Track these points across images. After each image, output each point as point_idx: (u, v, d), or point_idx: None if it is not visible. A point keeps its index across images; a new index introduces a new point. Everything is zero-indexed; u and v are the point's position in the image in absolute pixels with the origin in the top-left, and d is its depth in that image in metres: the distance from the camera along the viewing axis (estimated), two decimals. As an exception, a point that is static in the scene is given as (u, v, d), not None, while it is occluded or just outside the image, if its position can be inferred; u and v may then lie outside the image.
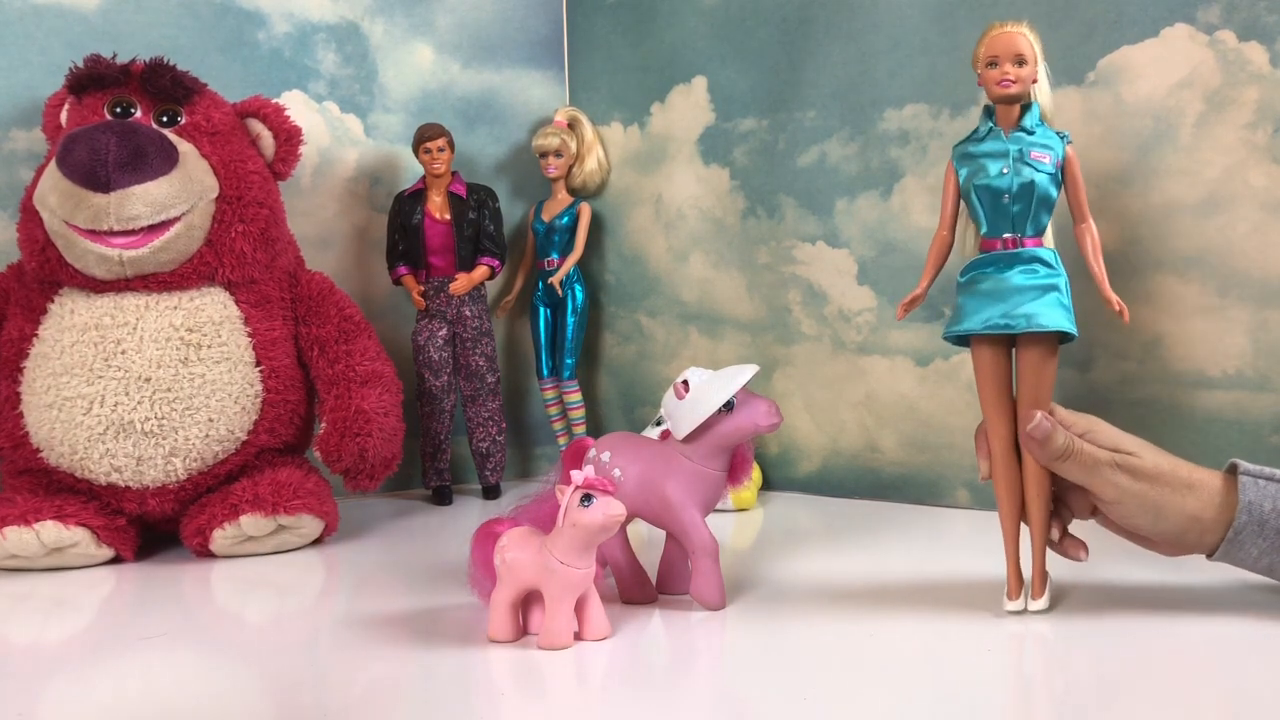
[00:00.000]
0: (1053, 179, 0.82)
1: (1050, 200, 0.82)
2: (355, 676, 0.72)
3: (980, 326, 0.81)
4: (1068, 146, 0.83)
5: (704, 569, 0.83)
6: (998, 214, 0.82)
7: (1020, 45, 0.82)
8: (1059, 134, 0.83)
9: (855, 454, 1.29)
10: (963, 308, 0.83)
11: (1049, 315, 0.80)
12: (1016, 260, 0.82)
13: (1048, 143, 0.82)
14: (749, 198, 1.36)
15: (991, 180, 0.82)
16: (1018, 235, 0.82)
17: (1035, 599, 0.82)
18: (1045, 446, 0.79)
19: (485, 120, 1.49)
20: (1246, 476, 0.77)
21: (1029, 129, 0.82)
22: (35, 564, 1.03)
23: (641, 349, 1.48)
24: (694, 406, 0.82)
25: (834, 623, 0.81)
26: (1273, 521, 0.76)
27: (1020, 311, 0.80)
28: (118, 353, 1.07)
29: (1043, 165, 0.81)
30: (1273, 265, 1.00)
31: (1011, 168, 0.81)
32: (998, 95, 0.82)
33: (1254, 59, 1.00)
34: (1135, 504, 0.78)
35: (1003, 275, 0.82)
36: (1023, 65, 0.81)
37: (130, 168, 1.06)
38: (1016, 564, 0.82)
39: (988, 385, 0.83)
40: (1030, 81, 0.82)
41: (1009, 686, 0.70)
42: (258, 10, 1.35)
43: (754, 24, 1.33)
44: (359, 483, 1.15)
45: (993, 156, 0.82)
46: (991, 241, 0.83)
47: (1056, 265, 0.82)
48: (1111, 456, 0.78)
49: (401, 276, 1.38)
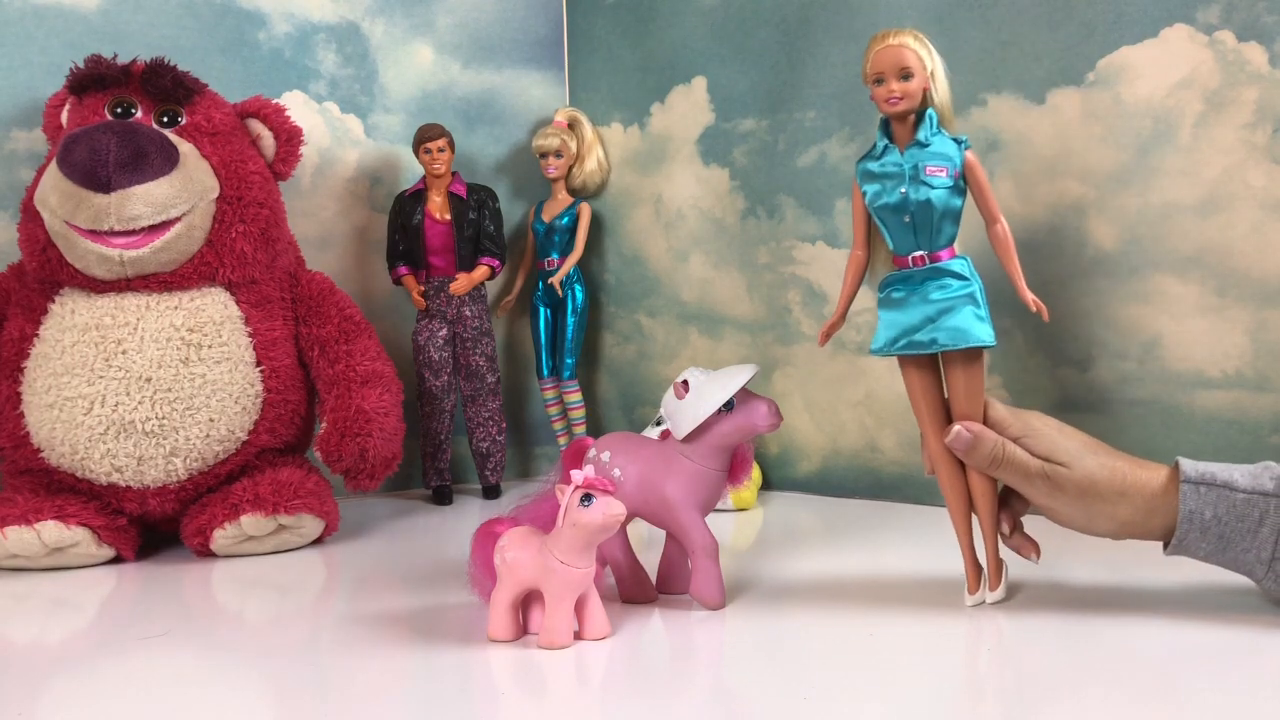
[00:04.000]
0: (953, 190, 0.81)
1: (953, 211, 0.81)
2: (355, 676, 0.72)
3: (895, 348, 0.82)
4: (966, 152, 0.81)
5: (704, 568, 0.83)
6: (902, 231, 0.82)
7: (904, 58, 0.80)
8: (956, 140, 0.82)
9: (855, 454, 1.29)
10: (880, 325, 0.84)
11: (967, 332, 0.80)
12: (928, 275, 0.82)
13: (944, 152, 0.81)
14: (749, 198, 1.36)
15: (890, 200, 0.81)
16: (924, 252, 0.82)
17: (991, 590, 0.83)
18: (971, 455, 0.81)
19: (485, 120, 1.50)
20: (1187, 485, 0.77)
21: (924, 141, 0.81)
22: (36, 564, 1.03)
23: (641, 349, 1.48)
24: (694, 406, 0.82)
25: (834, 623, 0.81)
26: (1214, 528, 0.77)
27: (939, 328, 0.81)
28: (118, 353, 1.07)
29: (939, 180, 0.80)
30: (1272, 265, 1.00)
31: (908, 186, 0.80)
32: (886, 112, 0.81)
33: (1253, 59, 1.00)
34: (1066, 510, 0.80)
35: (915, 290, 0.82)
36: (909, 79, 0.80)
37: (131, 168, 1.06)
38: (972, 558, 0.84)
39: (918, 400, 0.84)
40: (920, 92, 0.80)
41: (1009, 685, 0.70)
42: (258, 10, 1.35)
43: (754, 24, 1.33)
44: (359, 482, 1.15)
45: (890, 176, 0.81)
46: (902, 259, 0.83)
47: (970, 275, 0.82)
48: (1041, 466, 0.79)
49: (402, 276, 1.38)
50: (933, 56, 0.81)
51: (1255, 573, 0.77)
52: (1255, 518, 0.76)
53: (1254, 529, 0.76)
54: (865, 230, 0.85)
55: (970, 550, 0.84)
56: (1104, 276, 1.08)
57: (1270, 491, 0.76)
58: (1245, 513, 0.76)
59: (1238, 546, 0.77)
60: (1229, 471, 0.77)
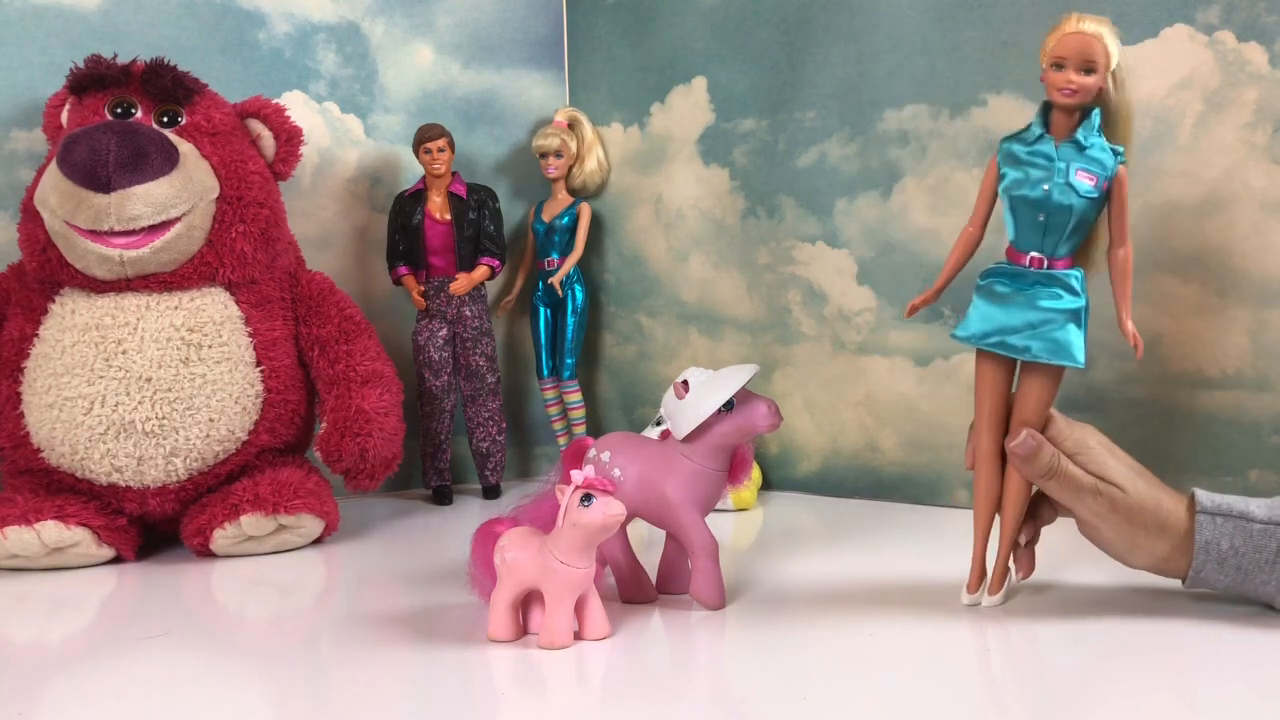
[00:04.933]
0: (1095, 202, 0.77)
1: (1088, 223, 0.78)
2: (355, 676, 0.72)
3: (986, 343, 0.79)
4: (1120, 166, 0.78)
5: (704, 569, 0.83)
6: (1030, 228, 0.78)
7: (1093, 50, 0.75)
8: (1114, 149, 0.78)
9: (855, 454, 1.29)
10: (975, 312, 0.80)
11: (1066, 349, 0.78)
12: (1040, 280, 0.78)
13: (1099, 159, 0.77)
14: (749, 198, 1.36)
15: (1030, 194, 0.77)
16: (1046, 255, 0.78)
17: (991, 595, 0.83)
18: (1029, 464, 0.79)
19: (485, 120, 1.49)
20: (1204, 515, 0.76)
21: (1082, 142, 0.77)
22: (36, 564, 1.03)
23: (641, 349, 1.48)
24: (694, 406, 0.82)
25: (834, 623, 0.81)
26: (1231, 559, 0.76)
27: (1037, 337, 0.78)
28: (118, 353, 1.07)
29: (1086, 188, 0.76)
30: (1272, 265, 1.00)
31: (1054, 185, 0.77)
32: (1058, 102, 0.77)
33: (1253, 59, 1.00)
34: (1111, 533, 0.79)
35: (1025, 291, 0.79)
36: (1090, 73, 0.75)
37: (131, 168, 1.06)
38: (981, 558, 0.83)
39: (985, 396, 0.82)
40: (1096, 90, 0.76)
41: (1010, 686, 0.70)
42: (258, 10, 1.35)
43: (754, 24, 1.33)
44: (359, 483, 1.15)
45: (1039, 166, 0.77)
46: (1019, 255, 0.80)
47: (1081, 290, 0.79)
48: (1095, 483, 0.78)
49: (402, 276, 1.38)
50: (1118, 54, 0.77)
51: (1277, 603, 0.77)
52: (1273, 549, 0.75)
53: (1271, 560, 0.75)
54: (988, 210, 0.81)
55: (982, 550, 0.83)
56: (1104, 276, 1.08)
57: None
58: (1262, 544, 0.75)
59: (1256, 578, 0.76)
60: (1245, 503, 0.77)
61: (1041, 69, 0.78)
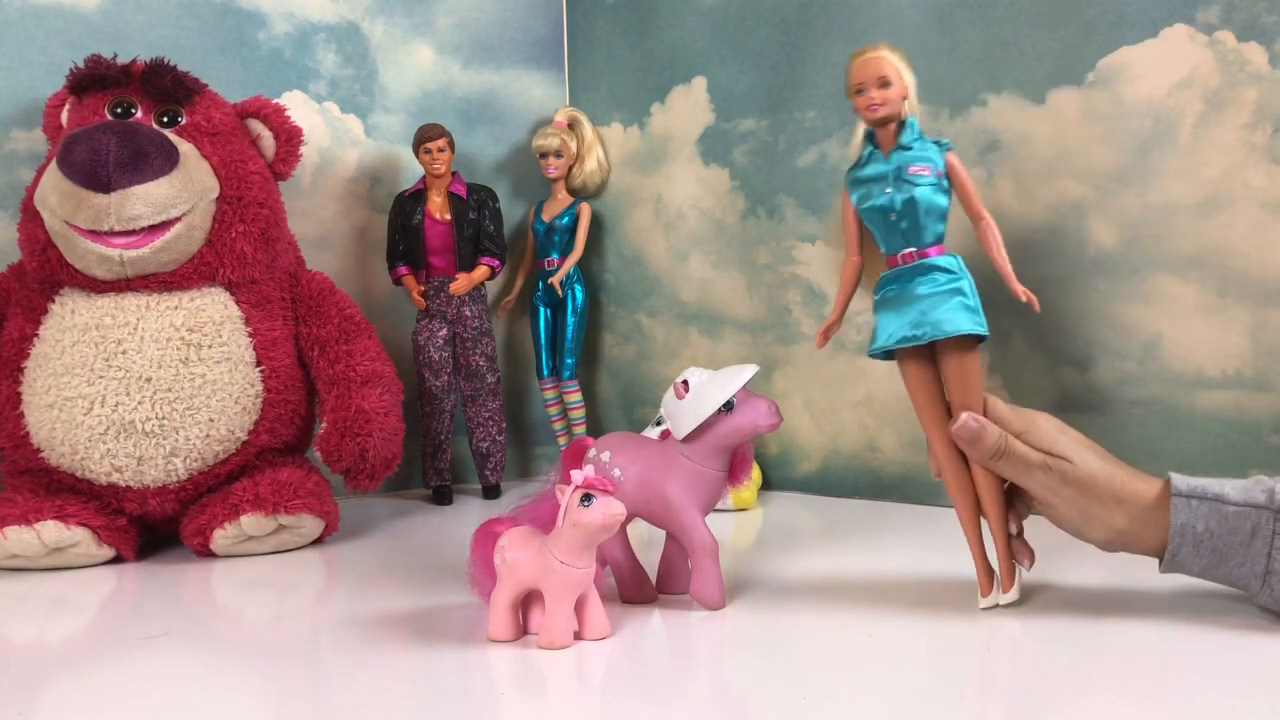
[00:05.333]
0: (936, 188, 0.84)
1: (939, 209, 0.84)
2: (355, 676, 0.72)
3: (891, 341, 0.84)
4: (948, 154, 0.85)
5: (704, 568, 0.83)
6: (890, 232, 0.85)
7: (881, 68, 0.83)
8: (937, 143, 0.85)
9: (855, 454, 1.29)
10: (877, 326, 0.86)
11: (953, 321, 0.82)
12: (916, 272, 0.84)
13: (925, 154, 0.84)
14: (749, 198, 1.36)
15: (876, 201, 0.84)
16: (913, 249, 0.84)
17: (1005, 592, 0.83)
18: (975, 446, 0.81)
19: (485, 120, 1.50)
20: (1178, 498, 0.77)
21: (907, 145, 0.84)
22: (36, 564, 1.03)
23: (641, 349, 1.48)
24: (694, 406, 0.82)
25: (834, 623, 0.81)
26: (1207, 541, 0.76)
27: (926, 321, 0.83)
28: (118, 353, 1.07)
29: (922, 178, 0.83)
30: (1272, 265, 1.00)
31: (893, 186, 0.84)
32: (869, 120, 0.84)
33: (1253, 59, 1.00)
34: (1065, 507, 0.80)
35: (905, 288, 0.84)
36: (887, 87, 0.83)
37: (131, 168, 1.06)
38: (984, 561, 0.84)
39: (916, 395, 0.86)
40: (900, 99, 0.84)
41: (1010, 686, 0.70)
42: (258, 10, 1.35)
43: (754, 24, 1.33)
44: (359, 483, 1.15)
45: (876, 179, 0.85)
46: (893, 259, 0.85)
47: (959, 270, 0.84)
48: (1043, 459, 0.79)
49: (402, 276, 1.38)
50: (907, 69, 0.85)
51: (1250, 587, 0.77)
52: (1247, 530, 0.75)
53: (1246, 542, 0.75)
54: (857, 237, 0.89)
55: (981, 552, 0.84)
56: (1104, 276, 1.08)
57: (1261, 504, 0.75)
58: (1237, 525, 0.75)
59: (1231, 560, 0.76)
60: (1220, 485, 0.77)
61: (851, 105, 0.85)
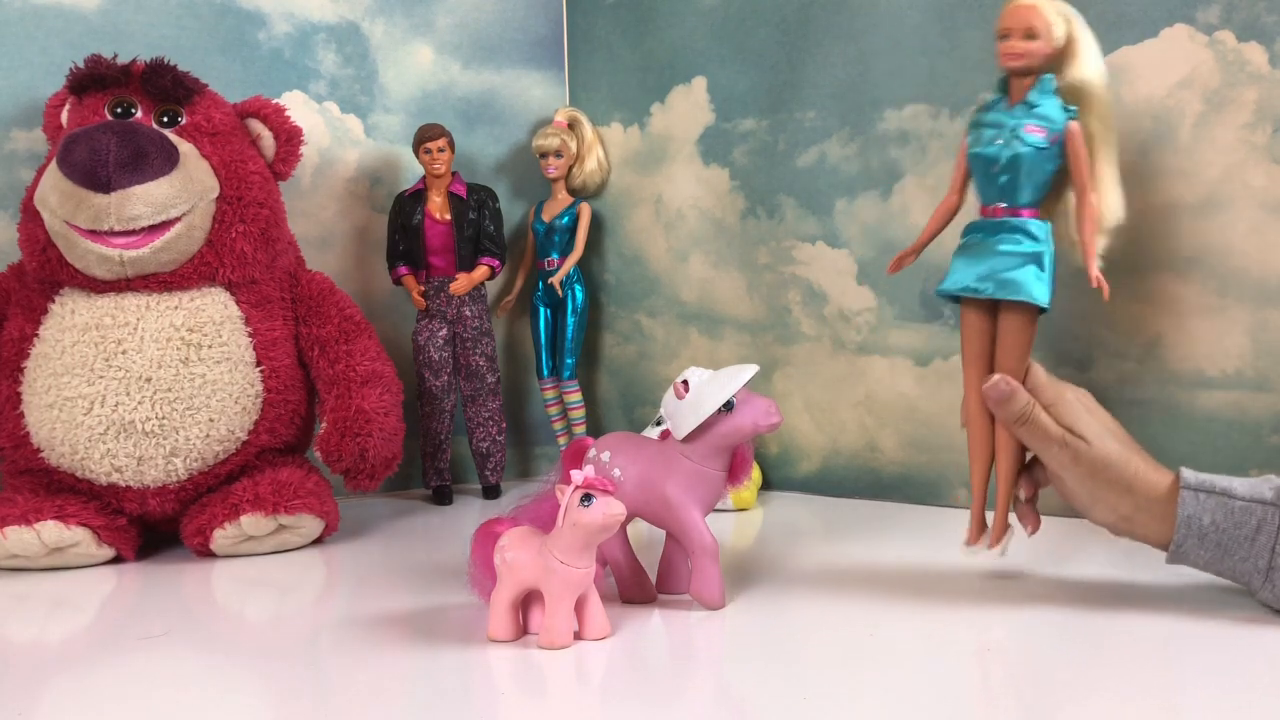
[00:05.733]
0: (1044, 153, 0.83)
1: (1043, 173, 0.84)
2: (355, 676, 0.72)
3: (956, 287, 0.85)
4: (1070, 122, 0.84)
5: (703, 569, 0.83)
6: (989, 182, 0.85)
7: (1031, 18, 0.82)
8: (1065, 108, 0.84)
9: (855, 454, 1.29)
10: (952, 268, 0.86)
11: (1019, 286, 0.83)
12: (1002, 228, 0.84)
13: (1048, 115, 0.83)
14: (749, 198, 1.36)
15: (984, 149, 0.85)
16: (1008, 205, 0.84)
17: (991, 546, 0.86)
18: (1002, 408, 0.83)
19: (485, 120, 1.50)
20: (1187, 490, 0.78)
21: (1034, 102, 0.84)
22: (36, 564, 1.03)
23: (641, 349, 1.48)
24: (694, 406, 0.82)
25: (834, 622, 0.81)
26: (1212, 535, 0.77)
27: (995, 278, 0.83)
28: (118, 353, 1.07)
29: (1034, 139, 0.83)
30: (1272, 265, 1.00)
31: (1005, 139, 0.83)
32: (1007, 67, 0.84)
33: (1253, 59, 1.00)
34: (1074, 485, 0.81)
35: (988, 240, 0.85)
36: (1033, 39, 0.82)
37: (131, 168, 1.06)
38: (980, 511, 0.87)
39: (967, 344, 0.87)
40: (1042, 55, 0.83)
41: (1009, 686, 0.70)
42: (258, 10, 1.35)
43: (754, 24, 1.33)
44: (359, 483, 1.15)
45: (992, 126, 0.85)
46: (985, 209, 0.86)
47: (1044, 239, 0.84)
48: (1062, 434, 0.81)
49: (402, 276, 1.38)
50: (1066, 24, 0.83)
51: (1253, 583, 0.77)
52: (1252, 525, 0.76)
53: (1251, 537, 0.76)
54: (963, 178, 0.89)
55: (981, 502, 0.87)
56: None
57: (1269, 500, 0.76)
58: (1243, 520, 0.76)
59: (1235, 555, 0.77)
60: (1229, 481, 0.78)
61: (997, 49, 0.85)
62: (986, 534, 0.85)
